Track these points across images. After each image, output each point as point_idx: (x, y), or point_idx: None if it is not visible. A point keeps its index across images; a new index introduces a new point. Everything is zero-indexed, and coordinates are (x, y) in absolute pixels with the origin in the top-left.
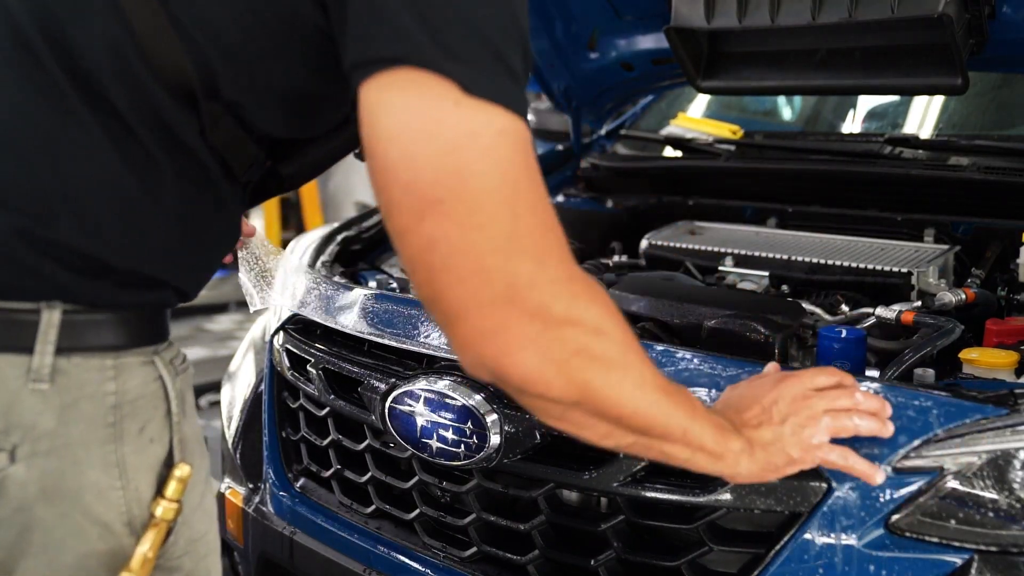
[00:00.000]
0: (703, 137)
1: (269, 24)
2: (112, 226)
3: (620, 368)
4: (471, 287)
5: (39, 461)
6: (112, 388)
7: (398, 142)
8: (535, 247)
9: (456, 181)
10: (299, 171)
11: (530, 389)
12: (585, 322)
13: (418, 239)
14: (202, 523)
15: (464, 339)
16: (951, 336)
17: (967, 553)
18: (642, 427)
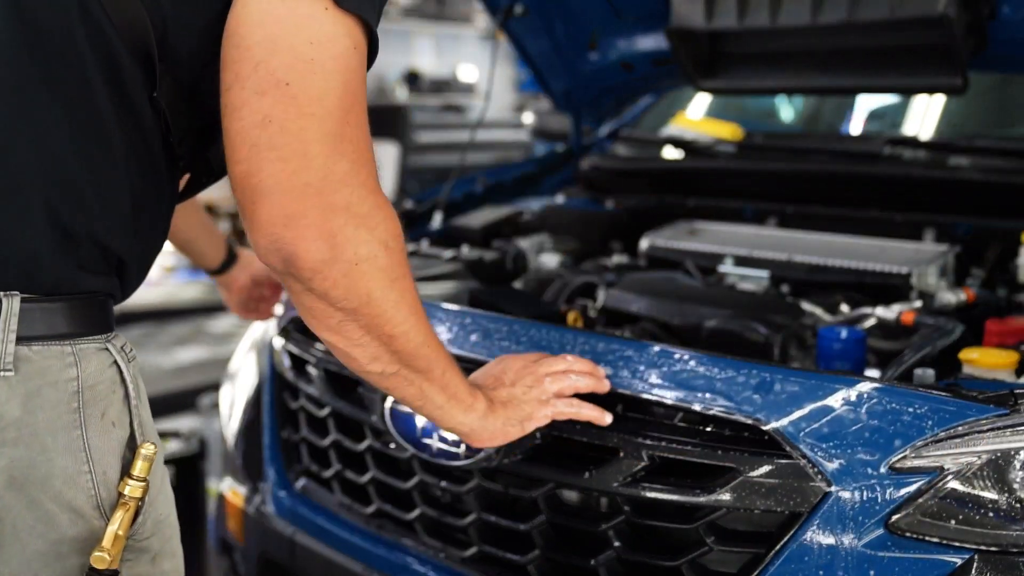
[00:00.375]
0: (703, 138)
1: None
2: (85, 192)
3: (400, 287)
4: (290, 168)
5: (6, 450)
6: (73, 374)
7: (264, 26)
8: (355, 152)
9: (307, 70)
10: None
11: (317, 282)
12: (379, 231)
13: (253, 114)
14: (164, 506)
15: (265, 219)
16: (951, 336)
17: (967, 553)
18: (409, 355)
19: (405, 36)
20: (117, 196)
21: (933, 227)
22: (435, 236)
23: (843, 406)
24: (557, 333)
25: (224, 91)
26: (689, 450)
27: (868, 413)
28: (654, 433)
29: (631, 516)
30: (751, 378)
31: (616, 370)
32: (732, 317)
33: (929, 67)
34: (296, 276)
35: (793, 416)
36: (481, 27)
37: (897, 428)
